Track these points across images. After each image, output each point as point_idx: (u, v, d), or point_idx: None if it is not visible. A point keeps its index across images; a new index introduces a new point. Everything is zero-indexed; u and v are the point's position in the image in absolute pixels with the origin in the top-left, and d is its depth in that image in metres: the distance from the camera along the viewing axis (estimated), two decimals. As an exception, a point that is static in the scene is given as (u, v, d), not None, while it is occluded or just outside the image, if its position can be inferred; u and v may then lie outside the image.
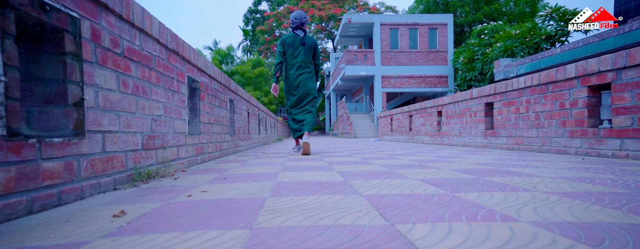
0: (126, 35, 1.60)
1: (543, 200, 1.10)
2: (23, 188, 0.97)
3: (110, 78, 1.45)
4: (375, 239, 0.72)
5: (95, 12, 1.34)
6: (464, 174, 1.81)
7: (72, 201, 1.17)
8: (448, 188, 1.37)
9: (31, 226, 0.86)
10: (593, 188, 1.30)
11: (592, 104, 2.81)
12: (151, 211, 1.01)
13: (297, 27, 3.72)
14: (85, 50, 1.27)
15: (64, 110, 1.16)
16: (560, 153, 3.14)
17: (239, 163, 2.77)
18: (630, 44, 5.66)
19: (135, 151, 1.67)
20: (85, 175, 1.27)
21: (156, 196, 1.27)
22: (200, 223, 0.87)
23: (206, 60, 3.02)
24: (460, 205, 1.03)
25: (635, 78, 2.36)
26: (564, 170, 1.91)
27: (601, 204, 1.02)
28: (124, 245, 0.70)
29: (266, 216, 0.93)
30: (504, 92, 4.02)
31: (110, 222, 0.89)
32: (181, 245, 0.69)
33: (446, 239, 0.71)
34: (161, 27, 2.00)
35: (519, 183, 1.47)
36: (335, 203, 1.09)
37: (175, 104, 2.24)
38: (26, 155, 0.98)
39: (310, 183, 1.56)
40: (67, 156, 1.16)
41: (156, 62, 1.95)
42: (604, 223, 0.81)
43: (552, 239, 0.70)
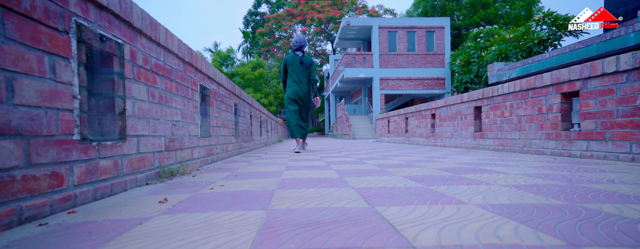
0: (154, 53, 1.89)
1: (495, 190, 1.38)
2: (89, 180, 1.25)
3: (142, 91, 1.73)
4: (358, 215, 1.00)
5: (133, 37, 1.63)
6: (443, 172, 2.09)
7: (119, 192, 1.45)
8: (425, 182, 1.65)
9: (103, 207, 1.14)
10: (541, 182, 1.58)
11: (565, 109, 3.10)
12: (187, 199, 1.29)
13: (298, 49, 4.54)
14: (126, 68, 1.55)
15: (113, 118, 1.44)
16: (538, 154, 3.43)
17: (245, 163, 3.05)
18: (612, 51, 5.97)
19: (160, 152, 1.95)
20: (127, 171, 1.55)
21: (184, 189, 1.56)
22: (227, 206, 1.15)
23: (215, 69, 3.30)
24: (429, 194, 1.32)
25: (598, 87, 2.65)
26: (531, 168, 2.19)
27: (535, 192, 1.30)
28: (178, 220, 0.98)
29: (277, 202, 1.22)
30: (491, 97, 4.32)
31: (159, 205, 1.17)
32: (219, 219, 0.98)
33: (409, 215, 0.99)
34: (180, 43, 2.29)
35: (485, 178, 1.76)
36: (330, 193, 1.37)
37: (190, 110, 2.52)
38: (91, 155, 1.26)
39: (310, 179, 1.84)
40: (114, 156, 1.44)
41: (175, 74, 2.23)
42: (526, 204, 1.09)
43: (483, 213, 0.98)
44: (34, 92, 0.99)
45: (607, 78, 2.58)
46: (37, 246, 0.75)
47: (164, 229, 0.86)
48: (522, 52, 11.50)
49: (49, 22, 1.05)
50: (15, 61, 0.92)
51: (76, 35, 1.19)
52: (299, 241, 0.76)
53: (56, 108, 1.08)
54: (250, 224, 0.91)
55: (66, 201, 1.11)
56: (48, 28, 1.05)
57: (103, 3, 1.33)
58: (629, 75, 2.39)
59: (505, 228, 0.82)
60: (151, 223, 0.93)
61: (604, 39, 6.22)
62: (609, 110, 2.57)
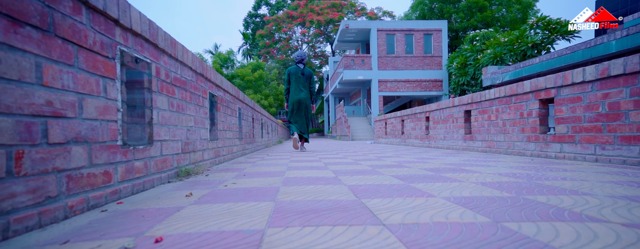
0: (173, 68, 2.16)
1: (463, 186, 1.66)
2: (128, 178, 1.52)
3: (164, 101, 2.01)
4: (347, 205, 1.27)
5: (158, 56, 1.91)
6: (427, 172, 2.37)
7: (149, 188, 1.73)
8: (408, 180, 1.93)
9: (142, 200, 1.42)
10: (505, 179, 1.86)
11: (542, 114, 3.38)
12: (207, 194, 1.57)
13: (299, 62, 5.44)
14: (153, 83, 1.83)
15: (143, 126, 1.72)
16: (520, 155, 3.71)
17: (250, 164, 3.32)
18: (595, 57, 6.25)
19: (177, 155, 2.23)
20: (153, 171, 1.82)
21: (202, 186, 1.83)
22: (242, 198, 1.43)
23: (221, 77, 3.58)
24: (407, 190, 1.59)
25: (569, 94, 2.93)
26: (505, 168, 2.47)
27: (495, 188, 1.58)
28: (206, 208, 1.25)
29: (282, 195, 1.49)
30: (479, 102, 4.60)
31: (187, 198, 1.45)
32: (238, 208, 1.25)
33: (386, 205, 1.27)
34: (193, 57, 2.56)
35: (461, 177, 2.03)
36: (326, 189, 1.65)
37: (201, 116, 2.80)
38: (129, 157, 1.54)
39: (309, 177, 2.12)
40: (145, 158, 1.72)
41: (189, 85, 2.51)
42: (481, 196, 1.37)
43: (444, 203, 1.26)
44: (94, 108, 1.26)
45: (576, 87, 2.86)
46: (110, 224, 1.02)
47: (197, 215, 1.14)
48: (517, 56, 11.80)
49: (103, 52, 1.33)
50: (83, 85, 1.19)
51: (120, 59, 1.46)
52: (301, 221, 1.03)
53: (107, 120, 1.36)
54: (263, 211, 1.18)
55: (114, 195, 1.38)
56: (102, 57, 1.33)
57: (137, 31, 1.61)
58: (593, 84, 2.68)
59: (454, 213, 1.10)
60: (186, 210, 1.21)
61: (589, 45, 6.51)
62: (578, 116, 2.86)
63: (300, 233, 0.90)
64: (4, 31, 0.86)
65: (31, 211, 0.94)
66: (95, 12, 1.28)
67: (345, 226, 0.97)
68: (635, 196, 1.33)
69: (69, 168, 1.12)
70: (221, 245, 0.81)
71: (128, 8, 1.51)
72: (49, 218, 1.00)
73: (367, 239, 0.84)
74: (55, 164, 1.05)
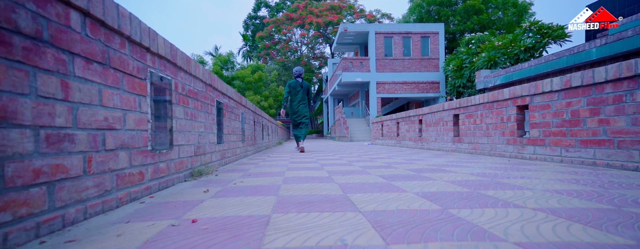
0: (187, 81, 2.48)
1: (435, 184, 1.98)
2: (155, 177, 1.84)
3: (181, 111, 2.33)
4: (335, 198, 1.59)
5: (176, 73, 2.23)
6: (410, 172, 2.69)
7: (170, 186, 2.05)
8: (390, 179, 2.25)
9: (169, 194, 1.74)
10: (473, 178, 2.18)
11: (520, 119, 3.71)
12: (221, 190, 1.89)
13: (297, 76, 6.37)
14: (173, 97, 2.15)
15: (165, 133, 2.04)
16: (501, 157, 4.04)
17: (253, 165, 3.64)
18: (578, 63, 6.59)
19: (191, 157, 2.55)
20: (173, 171, 2.14)
21: (215, 184, 2.15)
22: (251, 194, 1.75)
23: (227, 85, 3.90)
24: (388, 187, 1.92)
25: (541, 102, 3.26)
26: (480, 169, 2.79)
27: (459, 185, 1.90)
28: (223, 200, 1.57)
29: (283, 191, 1.81)
30: (466, 106, 4.92)
31: (205, 194, 1.77)
32: (248, 200, 1.57)
33: (366, 198, 1.59)
34: (203, 70, 2.88)
35: (438, 176, 2.35)
36: (320, 186, 1.97)
37: (209, 122, 3.12)
38: (155, 159, 1.86)
39: (306, 177, 2.44)
40: (167, 160, 2.04)
41: (200, 95, 2.83)
42: (444, 191, 1.69)
43: (412, 197, 1.58)
44: (133, 121, 1.58)
45: (546, 96, 3.18)
46: (152, 211, 1.34)
47: (217, 205, 1.46)
48: (510, 59, 12.13)
49: (138, 75, 1.65)
50: (126, 103, 1.52)
51: (149, 79, 1.79)
52: (298, 209, 1.35)
53: (141, 129, 1.68)
54: (268, 202, 1.51)
55: (147, 190, 1.70)
56: (138, 79, 1.65)
57: (162, 54, 1.93)
58: (559, 94, 3.00)
59: (416, 203, 1.42)
60: (208, 202, 1.53)
61: (572, 52, 6.85)
62: (548, 121, 3.18)
63: (297, 216, 1.23)
64: (82, 69, 1.19)
65: (97, 200, 1.26)
66: (134, 44, 1.60)
67: (331, 212, 1.29)
68: (564, 190, 1.65)
69: (117, 169, 1.44)
70: (240, 224, 1.13)
71: (156, 37, 1.83)
72: (107, 206, 1.33)
73: (345, 220, 1.16)
74: (109, 165, 1.37)
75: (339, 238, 0.95)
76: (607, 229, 1.00)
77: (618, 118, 2.40)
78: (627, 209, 1.24)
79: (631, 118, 2.29)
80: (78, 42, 1.17)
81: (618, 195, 1.54)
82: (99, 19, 1.28)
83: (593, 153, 2.67)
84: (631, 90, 2.28)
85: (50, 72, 1.03)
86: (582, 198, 1.48)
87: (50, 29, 1.03)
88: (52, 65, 1.04)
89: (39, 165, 0.98)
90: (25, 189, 0.93)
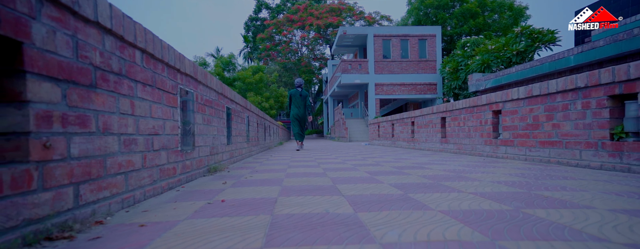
0: (204, 92, 2.94)
1: (409, 177, 2.43)
2: (183, 172, 2.30)
3: (200, 118, 2.78)
4: (326, 187, 2.05)
5: (196, 86, 2.69)
6: (394, 169, 3.14)
7: (193, 179, 2.50)
8: (375, 174, 2.70)
9: (196, 185, 2.19)
10: (441, 173, 2.64)
11: (495, 123, 4.16)
12: (235, 182, 2.34)
13: (298, 86, 7.56)
14: (194, 106, 2.61)
15: (189, 136, 2.50)
16: (480, 156, 4.49)
17: (257, 163, 4.10)
18: (560, 69, 7.04)
19: (207, 156, 3.00)
20: (195, 167, 2.60)
21: (229, 178, 2.60)
22: (260, 185, 2.20)
23: (235, 93, 4.36)
24: (370, 181, 2.37)
25: (511, 108, 3.71)
26: (455, 166, 3.24)
27: (428, 178, 2.35)
28: (239, 189, 2.03)
29: (285, 183, 2.27)
30: (451, 110, 5.37)
31: (224, 185, 2.22)
32: (259, 189, 2.03)
33: (350, 187, 2.04)
34: (216, 81, 3.34)
35: (415, 172, 2.80)
36: (315, 180, 2.42)
37: (221, 126, 3.57)
38: (183, 158, 2.32)
39: (305, 173, 2.89)
40: (190, 158, 2.49)
41: (214, 103, 3.29)
42: (413, 183, 2.14)
43: (387, 186, 2.03)
44: (169, 127, 2.04)
45: (514, 103, 3.63)
46: (188, 196, 1.79)
47: (236, 192, 1.92)
48: (503, 62, 12.58)
49: (172, 91, 2.11)
50: (165, 113, 1.97)
51: (179, 94, 2.24)
52: (297, 194, 1.81)
53: (174, 134, 2.13)
54: (275, 190, 1.96)
55: (178, 182, 2.16)
56: (172, 94, 2.11)
57: (188, 73, 2.39)
58: (523, 101, 3.45)
59: (386, 190, 1.88)
60: (228, 190, 1.98)
61: (554, 59, 7.31)
62: (515, 125, 3.63)
63: (296, 198, 1.68)
64: (141, 91, 1.65)
65: (150, 187, 1.72)
66: (170, 67, 2.06)
67: (321, 196, 1.75)
68: (504, 181, 2.10)
69: (160, 164, 1.89)
70: (256, 203, 1.58)
71: (183, 59, 2.29)
72: (157, 191, 1.78)
73: (330, 200, 1.62)
74: (155, 162, 1.83)
75: (324, 209, 1.41)
76: (503, 202, 1.45)
77: (565, 123, 2.85)
78: (534, 192, 1.69)
79: (574, 123, 2.74)
80: (139, 72, 1.63)
81: (541, 184, 1.99)
82: (151, 53, 1.74)
83: (548, 153, 3.12)
84: (574, 100, 2.74)
85: (126, 96, 1.49)
86: (512, 186, 1.93)
87: (126, 66, 1.49)
88: (126, 91, 1.50)
89: (120, 160, 1.44)
90: (114, 176, 1.38)
